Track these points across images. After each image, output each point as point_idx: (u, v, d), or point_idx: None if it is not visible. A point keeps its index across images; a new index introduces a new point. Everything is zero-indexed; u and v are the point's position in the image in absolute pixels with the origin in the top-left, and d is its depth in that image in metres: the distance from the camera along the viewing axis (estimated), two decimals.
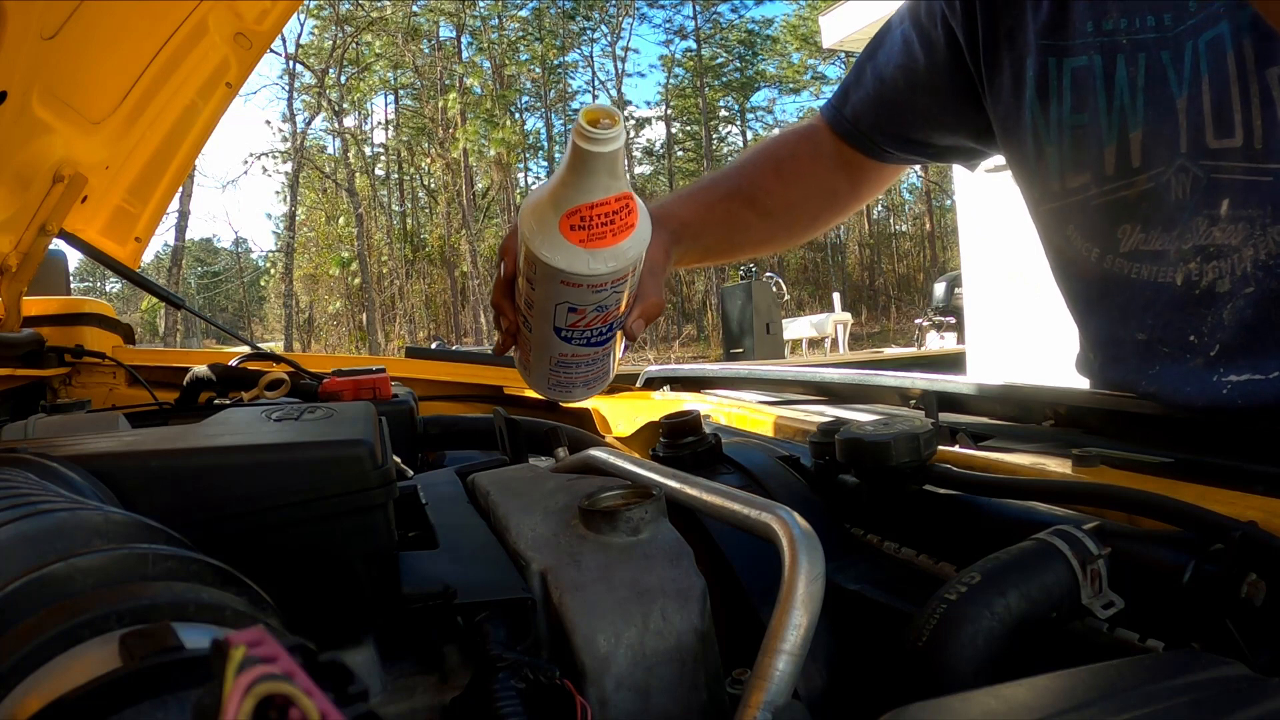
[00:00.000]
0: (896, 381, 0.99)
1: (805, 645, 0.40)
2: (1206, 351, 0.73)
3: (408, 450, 0.98)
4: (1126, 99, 0.76)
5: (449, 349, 8.97)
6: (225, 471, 0.43)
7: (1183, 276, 0.74)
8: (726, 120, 29.22)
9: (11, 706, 0.23)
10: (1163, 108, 0.74)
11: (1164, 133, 0.74)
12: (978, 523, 0.56)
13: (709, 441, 0.71)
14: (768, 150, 1.08)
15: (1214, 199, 0.71)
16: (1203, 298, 0.73)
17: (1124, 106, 0.76)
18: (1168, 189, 0.74)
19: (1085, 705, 0.30)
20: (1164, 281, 0.76)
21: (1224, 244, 0.71)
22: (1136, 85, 0.76)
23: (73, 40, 1.21)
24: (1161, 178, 0.74)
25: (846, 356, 10.93)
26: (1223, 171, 0.71)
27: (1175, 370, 0.75)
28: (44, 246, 1.48)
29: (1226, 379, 0.71)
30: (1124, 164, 0.77)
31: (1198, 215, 0.72)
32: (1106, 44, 0.77)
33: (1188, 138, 0.72)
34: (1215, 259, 0.72)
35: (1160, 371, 0.76)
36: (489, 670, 0.39)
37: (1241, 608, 0.40)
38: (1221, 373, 0.71)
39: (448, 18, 24.25)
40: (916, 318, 13.80)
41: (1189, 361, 0.74)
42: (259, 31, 1.54)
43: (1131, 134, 0.76)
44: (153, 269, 22.44)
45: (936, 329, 10.83)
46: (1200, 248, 0.72)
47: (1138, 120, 0.75)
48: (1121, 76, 0.76)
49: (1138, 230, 0.77)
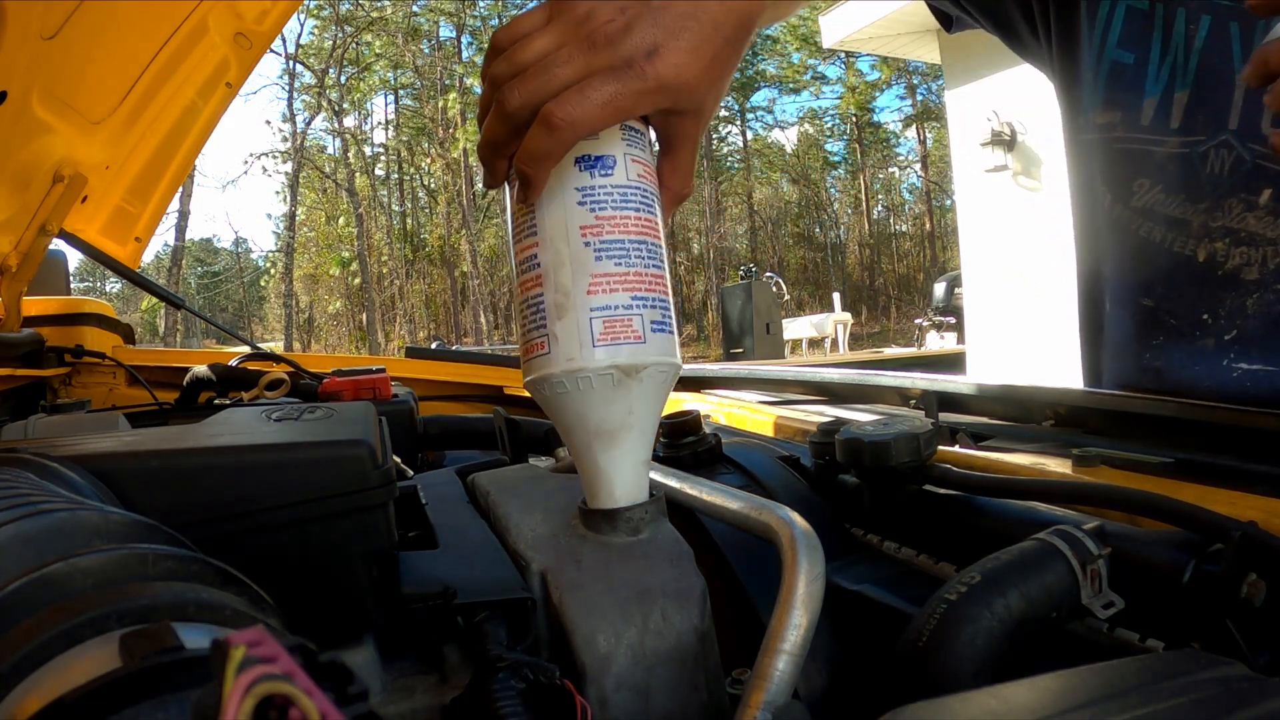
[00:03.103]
0: (896, 381, 0.99)
1: (805, 645, 0.40)
2: (1221, 334, 0.72)
3: (408, 450, 0.98)
4: (1180, 57, 0.73)
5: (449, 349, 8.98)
6: (225, 471, 0.43)
7: (1205, 253, 0.72)
8: (726, 120, 29.20)
9: (11, 706, 0.23)
10: (1217, 78, 0.71)
11: (1213, 102, 0.71)
12: (978, 523, 0.56)
13: (709, 441, 0.71)
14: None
15: (1256, 185, 0.69)
16: (1226, 280, 0.71)
17: (1176, 64, 0.74)
18: (1204, 160, 0.72)
19: (1085, 705, 0.30)
20: (1181, 252, 0.74)
21: (1258, 232, 0.69)
22: (1194, 46, 0.73)
23: (73, 40, 1.22)
24: (1199, 147, 0.72)
25: (846, 356, 10.93)
26: (1272, 160, 0.69)
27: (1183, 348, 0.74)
28: (44, 246, 1.49)
29: (1237, 365, 0.70)
30: (1161, 120, 0.75)
31: (1233, 196, 0.70)
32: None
33: (1240, 116, 0.70)
34: (1246, 245, 0.70)
35: (1165, 345, 0.75)
36: (489, 670, 0.39)
37: (1241, 608, 0.40)
38: (1233, 358, 0.70)
39: (448, 18, 24.26)
40: (916, 318, 13.81)
41: (1198, 340, 0.73)
42: (259, 31, 1.54)
43: (1177, 93, 0.73)
44: (153, 269, 22.43)
45: (936, 329, 10.83)
46: (1231, 230, 0.70)
47: (1187, 81, 0.73)
48: (1179, 31, 0.73)
49: (1157, 190, 0.75)
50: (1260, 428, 0.62)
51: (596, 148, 0.49)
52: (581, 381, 0.46)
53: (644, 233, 0.49)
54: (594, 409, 0.47)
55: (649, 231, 0.49)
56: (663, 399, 0.49)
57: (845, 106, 28.33)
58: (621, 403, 0.47)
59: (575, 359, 0.46)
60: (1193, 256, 0.73)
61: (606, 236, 0.48)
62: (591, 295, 0.47)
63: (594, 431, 0.48)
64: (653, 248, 0.49)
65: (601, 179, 0.49)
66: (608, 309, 0.47)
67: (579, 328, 0.47)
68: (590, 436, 0.48)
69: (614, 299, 0.47)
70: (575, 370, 0.46)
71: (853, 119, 28.36)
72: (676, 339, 0.49)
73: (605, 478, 0.48)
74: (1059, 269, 4.17)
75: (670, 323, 0.49)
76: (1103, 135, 0.79)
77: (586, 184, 0.48)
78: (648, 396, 0.47)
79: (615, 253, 0.48)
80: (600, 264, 0.47)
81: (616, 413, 0.47)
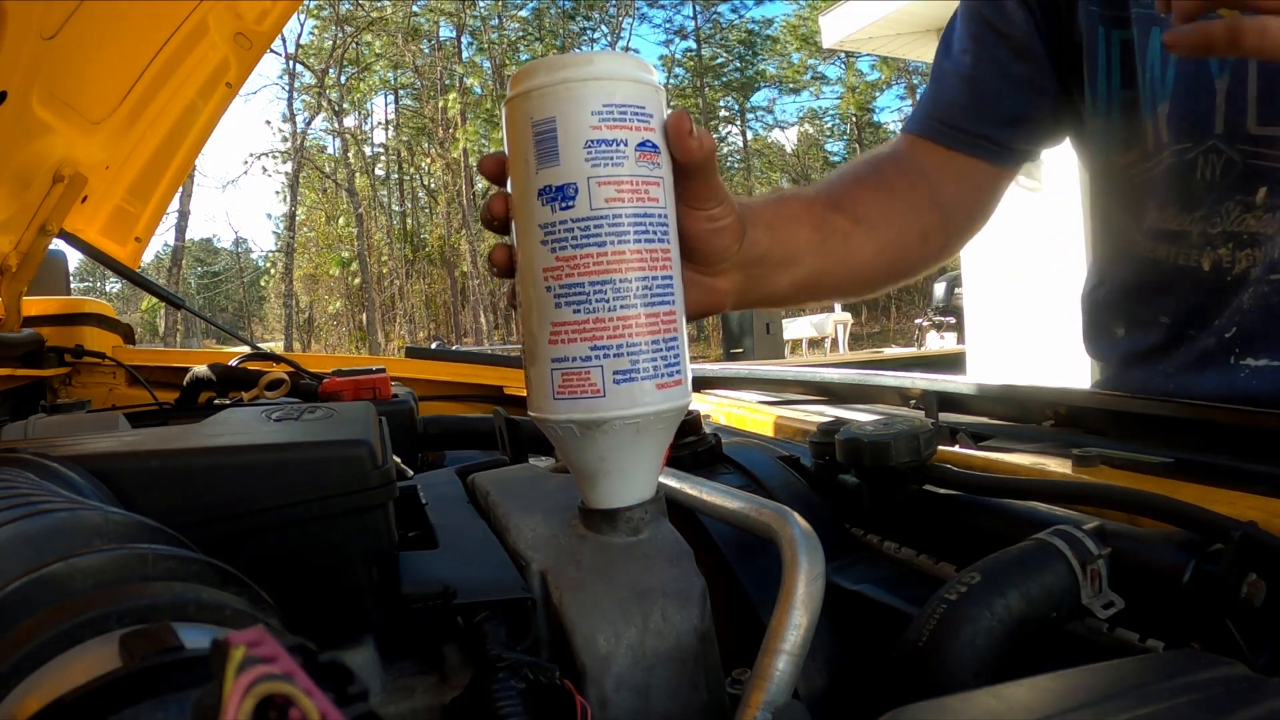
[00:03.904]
0: (896, 381, 0.99)
1: (805, 645, 0.40)
2: (1221, 333, 0.71)
3: (408, 450, 0.98)
4: (1157, 73, 0.74)
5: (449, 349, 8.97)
6: (225, 471, 0.43)
7: (1210, 262, 0.71)
8: (726, 120, 29.21)
9: (11, 706, 0.23)
10: (1195, 84, 0.71)
11: (1195, 110, 0.71)
12: (978, 523, 0.56)
13: (709, 441, 0.71)
14: (843, 171, 0.86)
15: (1250, 185, 0.69)
16: (1233, 285, 0.71)
17: (1154, 80, 0.74)
18: (1193, 168, 0.72)
19: (1085, 705, 0.30)
20: (1186, 265, 0.73)
21: (1259, 232, 0.69)
22: (1169, 58, 0.73)
23: (73, 40, 1.22)
24: (1186, 154, 0.72)
25: (846, 356, 10.93)
26: (1264, 158, 0.69)
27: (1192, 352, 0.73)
28: (44, 246, 1.49)
29: (1244, 363, 0.70)
30: (1157, 138, 0.75)
31: (1228, 200, 0.70)
32: (1143, 16, 0.74)
33: (1225, 119, 0.70)
34: (1249, 247, 0.69)
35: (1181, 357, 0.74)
36: (489, 670, 0.39)
37: (1241, 608, 0.40)
38: (1238, 354, 0.70)
39: (448, 18, 24.26)
40: (916, 318, 13.80)
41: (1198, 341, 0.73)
42: (259, 31, 1.54)
43: (1159, 107, 0.74)
44: (153, 269, 22.45)
45: (936, 329, 10.83)
46: (1232, 234, 0.70)
47: (1165, 94, 0.73)
48: (1154, 49, 0.73)
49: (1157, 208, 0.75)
50: (1260, 427, 0.62)
51: (557, 176, 0.44)
52: (549, 429, 0.46)
53: (610, 270, 0.44)
54: (568, 452, 0.47)
55: (620, 266, 0.44)
56: (646, 445, 0.47)
57: (845, 106, 28.34)
58: (590, 451, 0.46)
59: (542, 408, 0.46)
60: (1197, 267, 0.73)
61: (566, 280, 0.44)
62: (552, 345, 0.45)
63: (575, 470, 0.48)
64: (623, 284, 0.44)
65: (562, 213, 0.44)
66: (565, 361, 0.45)
67: (542, 378, 0.46)
68: (574, 473, 0.48)
69: (571, 350, 0.44)
70: (542, 419, 0.46)
71: (853, 119, 28.37)
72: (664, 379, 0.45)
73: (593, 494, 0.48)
74: (1059, 269, 4.17)
75: (653, 365, 0.45)
76: (1126, 174, 0.79)
77: (547, 220, 0.44)
78: (619, 446, 0.45)
79: (574, 298, 0.44)
80: (559, 311, 0.44)
81: (588, 459, 0.46)
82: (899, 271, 0.83)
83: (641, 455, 0.47)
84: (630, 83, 0.46)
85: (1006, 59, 0.83)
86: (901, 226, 0.81)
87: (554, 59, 0.45)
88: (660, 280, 0.46)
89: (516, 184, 0.47)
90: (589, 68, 0.45)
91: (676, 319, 0.47)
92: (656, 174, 0.46)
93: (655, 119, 0.46)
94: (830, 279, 0.75)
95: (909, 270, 0.84)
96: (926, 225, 0.83)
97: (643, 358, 0.45)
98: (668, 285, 0.46)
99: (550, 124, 0.44)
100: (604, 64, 0.45)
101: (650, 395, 0.45)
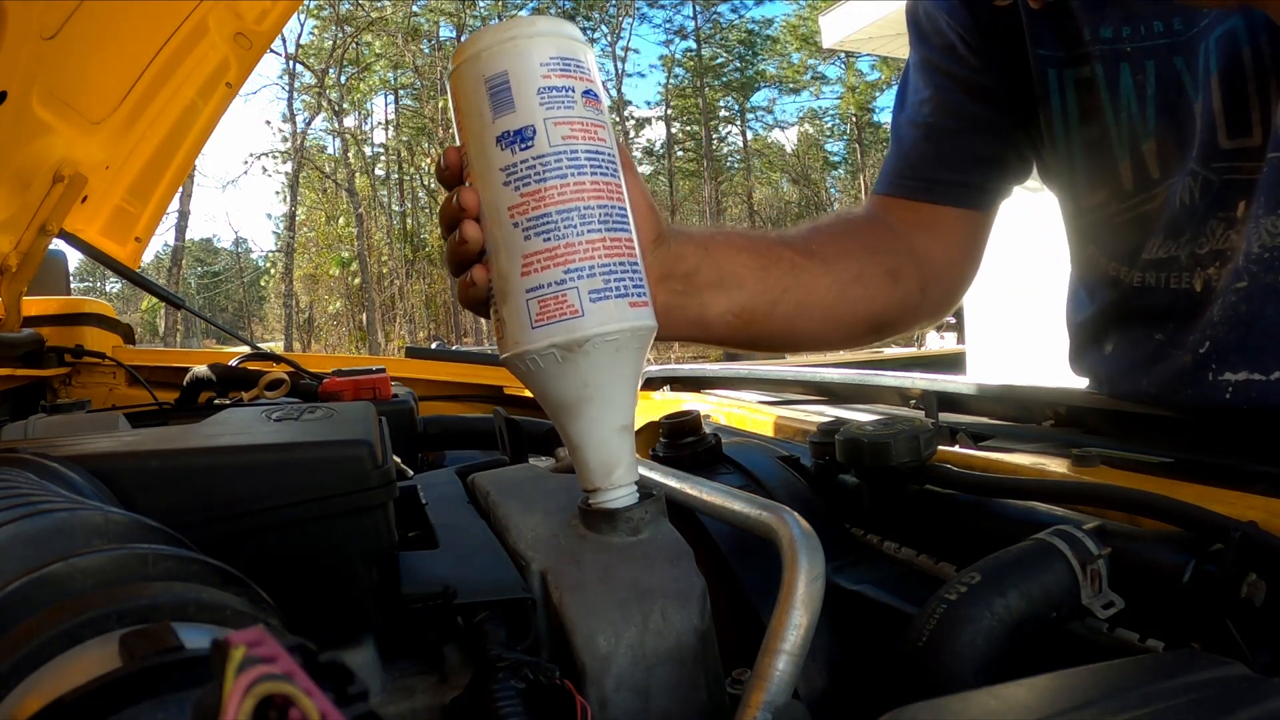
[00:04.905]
0: (896, 381, 0.99)
1: (805, 645, 0.40)
2: (1195, 349, 0.70)
3: (408, 450, 0.98)
4: (1135, 109, 0.72)
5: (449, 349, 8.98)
6: (225, 471, 0.43)
7: (1201, 283, 0.71)
8: (726, 120, 29.23)
9: (11, 706, 0.23)
10: (1178, 114, 0.70)
11: (1180, 139, 0.70)
12: (978, 523, 0.56)
13: (709, 441, 0.71)
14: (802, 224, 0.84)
15: (1229, 201, 0.68)
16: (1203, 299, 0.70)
17: (1132, 117, 0.73)
18: (1173, 196, 0.71)
19: (1085, 705, 0.30)
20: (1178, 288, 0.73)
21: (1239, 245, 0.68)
22: (1146, 94, 0.72)
23: (73, 40, 1.22)
24: (1175, 186, 0.71)
25: (846, 356, 10.91)
26: (1239, 171, 0.68)
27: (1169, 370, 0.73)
28: (44, 246, 1.49)
29: (1222, 378, 0.68)
30: (1142, 177, 0.74)
31: (1211, 219, 0.70)
32: (1107, 52, 0.73)
33: (1200, 141, 0.69)
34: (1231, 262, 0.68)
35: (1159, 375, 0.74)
36: (489, 670, 0.39)
37: (1241, 608, 0.40)
38: (1215, 370, 0.69)
39: (448, 18, 24.26)
40: None
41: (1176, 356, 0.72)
42: (259, 31, 1.54)
43: (1144, 145, 0.73)
44: (153, 269, 22.45)
45: (936, 329, 10.83)
46: (1218, 252, 0.69)
47: (1149, 130, 0.72)
48: (1127, 86, 0.72)
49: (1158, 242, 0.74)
50: (1260, 429, 0.63)
51: (514, 121, 0.48)
52: (530, 362, 0.48)
53: (573, 199, 0.47)
54: (548, 386, 0.48)
55: (581, 195, 0.48)
56: (625, 365, 0.48)
57: (845, 106, 28.35)
58: (573, 377, 0.47)
59: (520, 342, 0.48)
60: (1190, 289, 0.72)
61: (532, 213, 0.47)
62: (525, 277, 0.47)
63: (555, 406, 0.49)
64: (586, 211, 0.48)
65: (522, 153, 0.48)
66: (540, 289, 0.47)
67: (517, 312, 0.48)
68: (555, 410, 0.49)
69: (545, 277, 0.47)
70: (522, 353, 0.48)
71: (853, 119, 28.37)
72: (635, 299, 0.48)
73: (579, 451, 0.49)
74: (1059, 269, 4.17)
75: (622, 285, 0.48)
76: (1100, 215, 0.79)
77: (508, 162, 0.48)
78: (599, 367, 0.47)
79: (543, 227, 0.47)
80: (529, 243, 0.47)
81: (571, 386, 0.48)
82: (878, 317, 0.81)
83: (621, 379, 0.49)
84: (569, 40, 0.50)
85: (961, 100, 0.84)
86: (863, 262, 0.78)
87: (497, 25, 0.50)
88: (617, 210, 0.49)
89: (472, 138, 0.50)
90: (533, 27, 0.50)
91: (635, 247, 0.50)
92: (601, 119, 0.50)
93: (592, 73, 0.51)
94: (783, 312, 0.73)
95: (890, 316, 0.82)
96: (895, 265, 0.81)
97: (613, 277, 0.48)
98: (623, 215, 0.50)
99: (503, 76, 0.49)
100: (544, 24, 0.50)
101: (625, 312, 0.48)
